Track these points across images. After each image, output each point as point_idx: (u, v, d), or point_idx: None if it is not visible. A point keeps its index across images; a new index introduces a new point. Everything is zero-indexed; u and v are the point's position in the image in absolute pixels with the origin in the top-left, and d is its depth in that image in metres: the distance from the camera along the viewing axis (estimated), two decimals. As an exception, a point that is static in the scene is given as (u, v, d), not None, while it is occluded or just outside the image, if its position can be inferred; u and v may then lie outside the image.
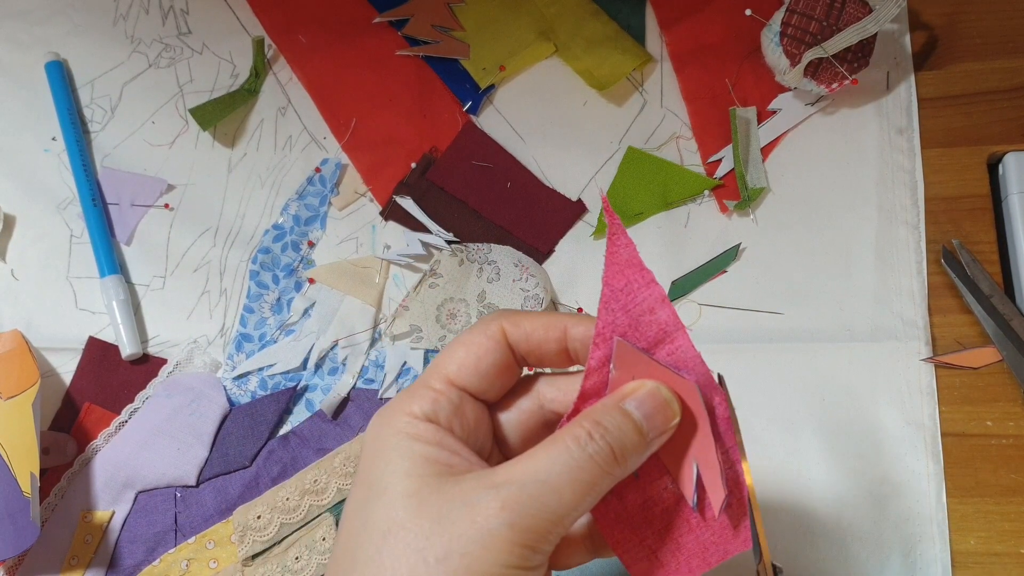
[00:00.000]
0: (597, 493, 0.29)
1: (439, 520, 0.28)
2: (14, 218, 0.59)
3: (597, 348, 0.31)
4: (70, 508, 0.51)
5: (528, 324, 0.32)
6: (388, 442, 0.30)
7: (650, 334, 0.31)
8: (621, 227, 0.30)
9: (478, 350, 0.32)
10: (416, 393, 0.31)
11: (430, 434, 0.30)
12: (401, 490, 0.29)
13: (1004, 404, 0.50)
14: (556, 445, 0.29)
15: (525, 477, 0.28)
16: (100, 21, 0.64)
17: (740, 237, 0.54)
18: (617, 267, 0.30)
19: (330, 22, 0.62)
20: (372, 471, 0.30)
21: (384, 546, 0.28)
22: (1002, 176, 0.54)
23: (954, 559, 0.47)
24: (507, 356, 0.32)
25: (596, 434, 0.29)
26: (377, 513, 0.29)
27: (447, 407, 0.31)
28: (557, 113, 0.58)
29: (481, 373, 0.32)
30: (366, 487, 0.30)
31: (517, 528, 0.27)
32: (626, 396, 0.30)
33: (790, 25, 0.53)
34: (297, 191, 0.58)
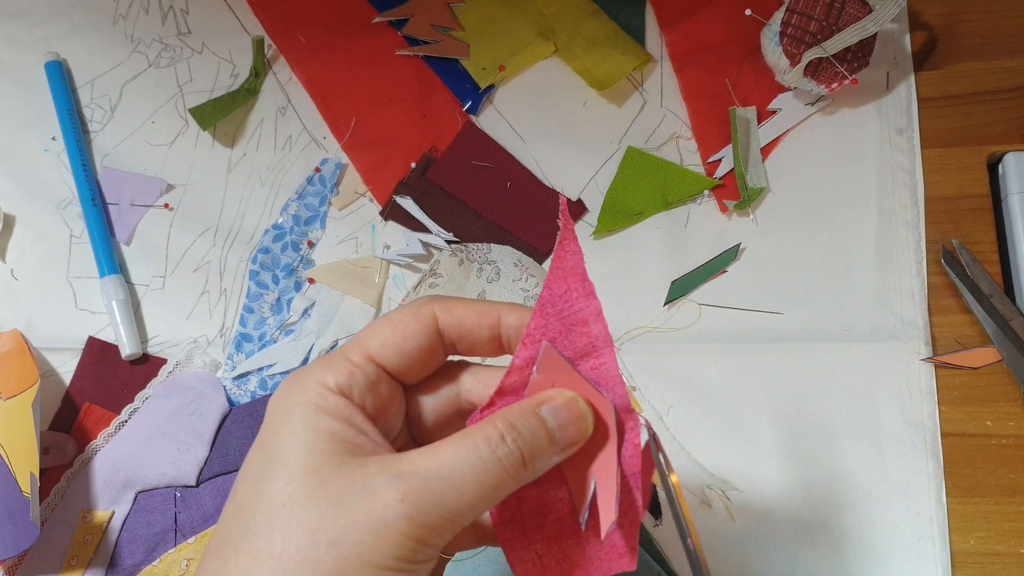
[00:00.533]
0: (500, 495, 0.29)
1: (336, 503, 0.27)
2: (14, 218, 0.59)
3: (524, 348, 0.31)
4: (70, 508, 0.51)
5: (461, 310, 0.32)
6: (295, 410, 0.29)
7: (579, 345, 0.31)
8: (573, 232, 0.30)
9: (404, 330, 0.31)
10: (332, 363, 0.30)
11: (340, 408, 0.29)
12: (301, 465, 0.28)
13: (1004, 404, 0.50)
14: (466, 442, 0.28)
15: (429, 471, 0.27)
16: (100, 21, 0.64)
17: (740, 237, 0.54)
18: (561, 272, 0.30)
19: (330, 22, 0.62)
20: (275, 439, 0.29)
21: (277, 520, 0.27)
22: (1002, 176, 0.54)
23: (954, 559, 0.47)
24: (434, 340, 0.32)
25: (508, 437, 0.28)
26: (274, 484, 0.28)
27: (362, 382, 0.30)
28: (557, 113, 0.58)
29: (404, 353, 0.31)
30: (266, 454, 0.29)
31: (414, 522, 0.27)
32: (544, 402, 0.30)
33: (790, 25, 0.53)
34: (297, 191, 0.58)
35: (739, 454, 0.50)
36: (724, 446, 0.50)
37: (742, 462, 0.50)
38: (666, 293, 0.54)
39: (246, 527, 0.28)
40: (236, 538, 0.28)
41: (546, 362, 0.31)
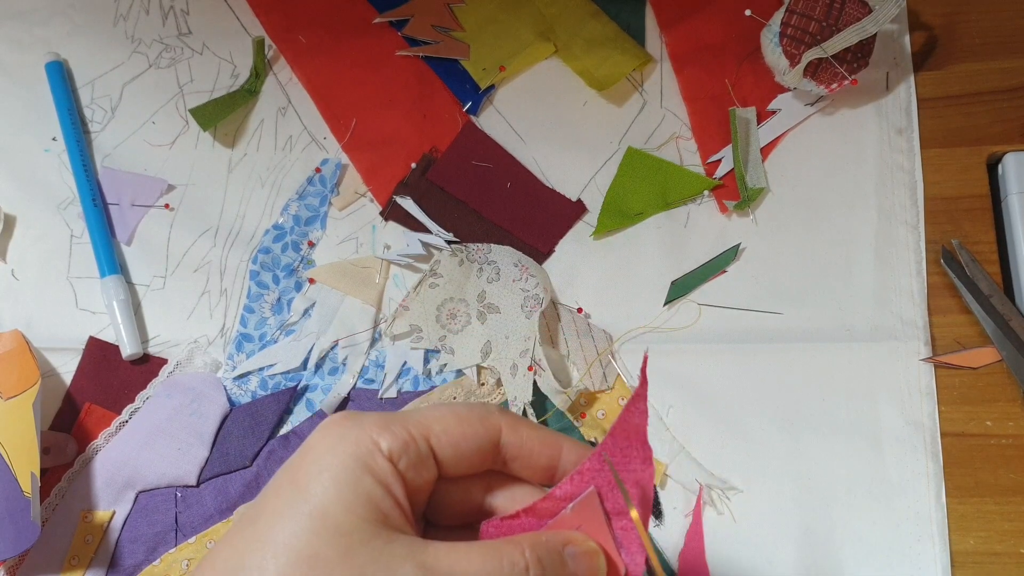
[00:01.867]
0: None
1: (360, 573, 0.27)
2: (14, 218, 0.59)
3: (571, 484, 0.31)
4: (70, 508, 0.51)
5: (527, 432, 0.32)
6: (343, 461, 0.29)
7: (620, 502, 0.31)
8: (645, 395, 0.31)
9: (467, 430, 0.31)
10: (391, 427, 0.30)
11: (385, 475, 0.29)
12: (335, 524, 0.28)
13: (1003, 404, 0.50)
14: (493, 557, 0.29)
15: (451, 570, 0.28)
16: (100, 21, 0.64)
17: (740, 237, 0.54)
18: (626, 428, 0.31)
19: (330, 22, 0.62)
20: (315, 483, 0.28)
21: (300, 566, 0.27)
22: (1001, 176, 0.54)
23: (953, 559, 0.47)
24: (490, 450, 0.32)
25: (533, 570, 0.29)
26: (302, 532, 0.27)
27: (413, 457, 0.30)
28: (557, 113, 0.59)
29: (458, 450, 0.31)
30: (301, 494, 0.28)
31: None
32: (569, 542, 0.30)
33: (790, 25, 0.53)
34: (297, 191, 0.58)
35: (739, 454, 0.50)
36: (724, 446, 0.50)
37: (742, 462, 0.50)
38: (666, 293, 0.54)
39: (262, 568, 0.27)
40: (248, 571, 0.27)
41: (584, 505, 0.31)
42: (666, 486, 0.50)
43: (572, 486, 0.31)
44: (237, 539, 0.28)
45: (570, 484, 0.31)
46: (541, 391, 0.51)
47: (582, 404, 0.52)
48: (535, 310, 0.53)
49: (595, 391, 0.52)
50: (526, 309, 0.53)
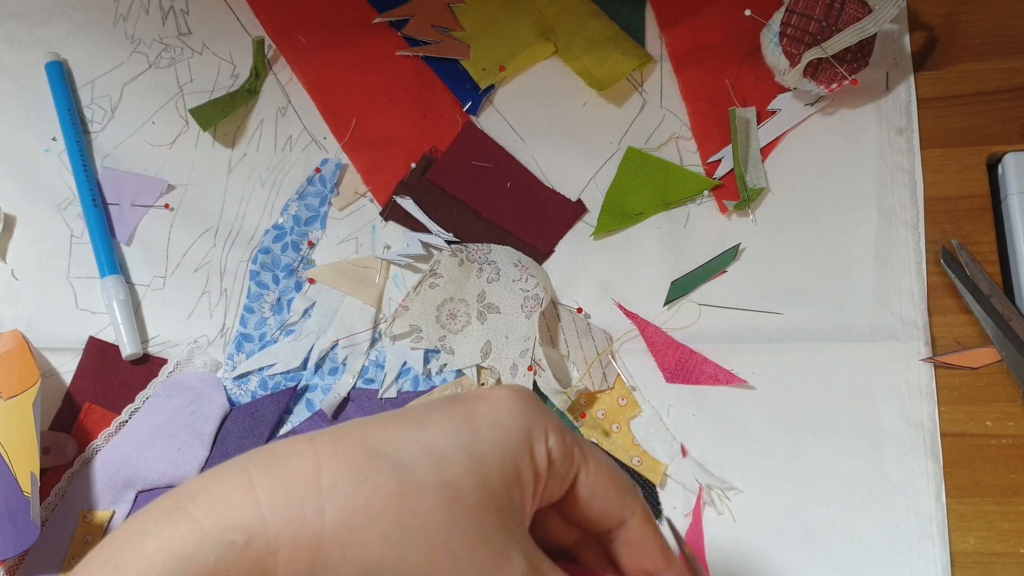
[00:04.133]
0: None
1: (463, 555, 0.27)
2: (14, 218, 0.59)
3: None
4: (70, 508, 0.51)
5: (600, 484, 0.31)
6: (519, 428, 0.29)
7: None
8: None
9: (612, 491, 0.31)
10: (564, 430, 0.30)
11: (540, 464, 0.29)
12: (485, 476, 0.27)
13: (1003, 404, 0.50)
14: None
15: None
16: (100, 21, 0.64)
17: (740, 237, 0.54)
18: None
19: (330, 22, 0.62)
20: (488, 428, 0.28)
21: (443, 490, 0.27)
22: (1001, 176, 0.54)
23: (953, 559, 0.47)
24: (612, 522, 0.32)
25: None
26: (463, 463, 0.27)
27: (562, 470, 0.30)
28: (557, 113, 0.59)
29: (592, 497, 0.31)
30: (473, 430, 0.28)
31: None
32: None
33: (789, 25, 0.53)
34: (297, 191, 0.58)
35: (739, 454, 0.50)
36: (724, 446, 0.50)
37: (742, 462, 0.50)
38: (666, 293, 0.54)
39: (412, 467, 0.27)
40: (399, 462, 0.27)
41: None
42: (666, 486, 0.50)
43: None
44: (401, 431, 0.28)
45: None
46: (541, 391, 0.51)
47: (582, 404, 0.52)
48: (535, 310, 0.53)
49: (595, 391, 0.52)
50: (526, 309, 0.53)
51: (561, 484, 0.30)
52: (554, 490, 0.30)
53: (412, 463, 0.27)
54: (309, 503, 0.26)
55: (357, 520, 0.26)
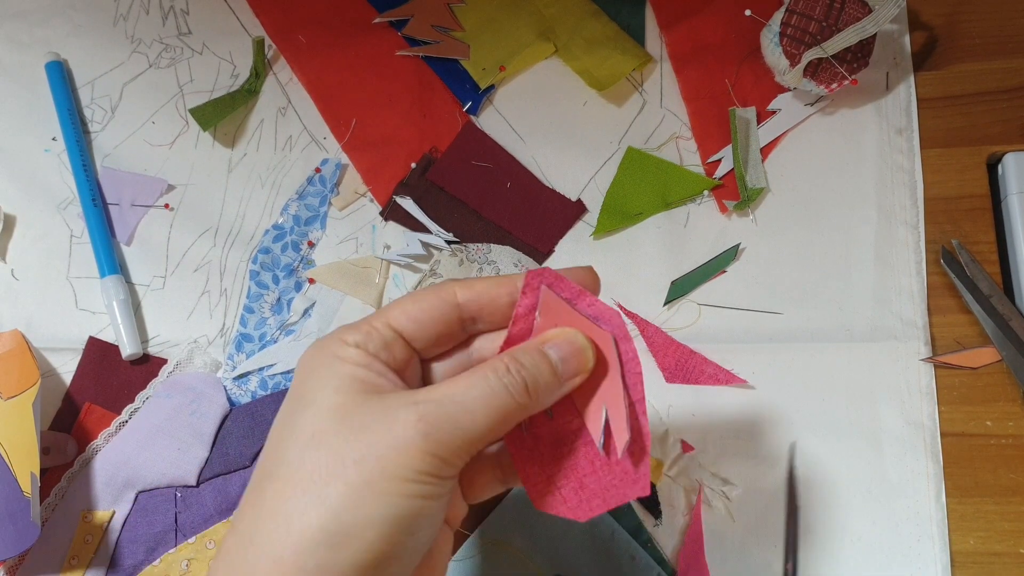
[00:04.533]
0: (508, 421, 0.32)
1: (360, 429, 0.30)
2: (14, 218, 0.59)
3: (525, 296, 0.34)
4: (70, 508, 0.51)
5: (481, 284, 0.34)
6: (319, 361, 0.32)
7: (573, 288, 0.34)
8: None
9: (424, 303, 0.34)
10: (353, 326, 0.33)
11: (359, 357, 0.32)
12: (328, 404, 0.31)
13: (1003, 404, 0.50)
14: (476, 374, 0.32)
15: (443, 397, 0.31)
16: (100, 21, 0.64)
17: (739, 237, 0.54)
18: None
19: (330, 22, 0.62)
20: (302, 387, 0.32)
21: (307, 450, 0.30)
22: (1001, 176, 0.54)
23: (953, 559, 0.47)
24: (451, 314, 0.34)
25: (513, 368, 0.32)
26: (303, 422, 0.31)
27: (378, 341, 0.33)
28: (557, 113, 0.59)
29: (420, 323, 0.34)
30: (296, 400, 0.32)
31: (431, 439, 0.30)
32: (546, 341, 0.33)
33: (790, 25, 0.53)
34: (297, 191, 0.58)
35: (739, 454, 0.50)
36: (724, 446, 0.50)
37: (742, 461, 0.50)
38: (666, 293, 0.54)
39: (279, 460, 0.31)
40: (271, 470, 0.31)
41: (547, 306, 0.34)
42: (666, 485, 0.50)
43: (528, 298, 0.34)
44: (260, 457, 0.33)
45: (525, 298, 0.34)
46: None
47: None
48: (535, 310, 0.53)
49: (595, 391, 0.52)
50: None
51: (400, 346, 0.34)
52: (400, 352, 0.34)
53: (278, 455, 0.32)
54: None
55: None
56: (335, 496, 0.29)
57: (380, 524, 0.29)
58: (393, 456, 0.29)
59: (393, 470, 0.29)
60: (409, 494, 0.29)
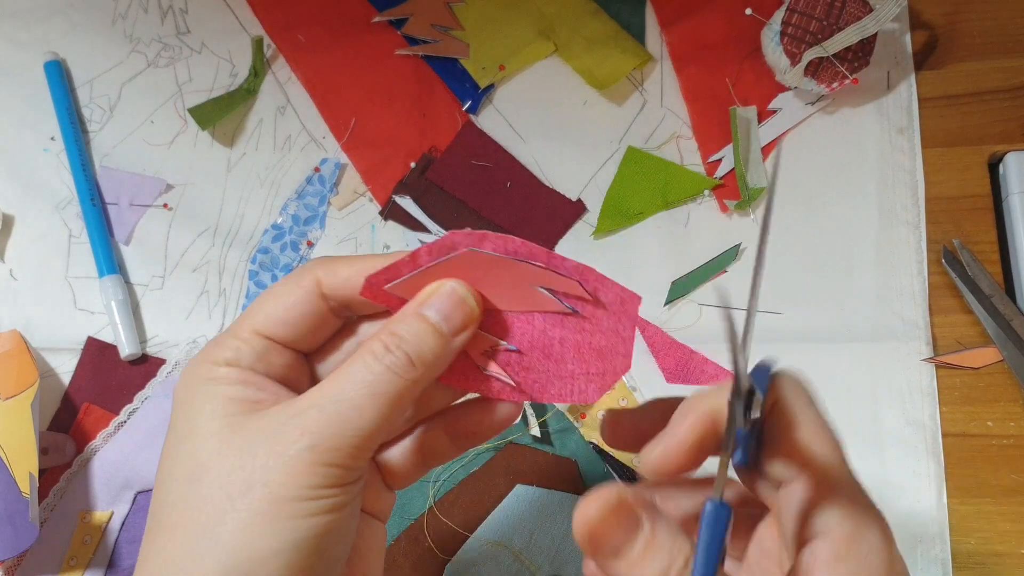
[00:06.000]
0: (403, 403, 0.29)
1: (243, 454, 0.28)
2: (13, 218, 0.59)
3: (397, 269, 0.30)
4: (69, 508, 0.51)
5: (345, 270, 0.31)
6: (191, 389, 0.30)
7: (469, 236, 0.30)
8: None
9: (286, 301, 0.31)
10: (219, 342, 0.31)
11: (233, 376, 0.30)
12: (205, 432, 0.29)
13: (1005, 404, 0.50)
14: (355, 362, 0.29)
15: (325, 399, 0.28)
16: (99, 21, 0.63)
17: (740, 237, 0.54)
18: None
19: (329, 21, 0.62)
20: (177, 420, 0.30)
21: (190, 487, 0.28)
22: (1003, 176, 0.54)
23: (955, 559, 0.47)
24: (319, 306, 0.31)
25: (392, 344, 0.29)
26: (183, 458, 0.29)
27: (249, 354, 0.30)
28: (557, 113, 0.58)
29: (289, 323, 0.31)
30: (173, 435, 0.30)
31: (319, 450, 0.27)
32: (422, 302, 0.30)
33: (790, 24, 0.53)
34: (296, 191, 0.58)
35: (739, 454, 0.50)
36: (724, 446, 0.50)
37: (742, 462, 0.50)
38: (666, 293, 0.53)
39: (164, 503, 0.28)
40: (158, 516, 0.28)
41: (445, 266, 0.30)
42: (666, 487, 0.50)
43: (429, 256, 0.30)
44: (152, 498, 0.30)
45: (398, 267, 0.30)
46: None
47: (582, 404, 0.52)
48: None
49: (595, 391, 0.52)
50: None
51: (276, 352, 0.31)
52: (278, 358, 0.31)
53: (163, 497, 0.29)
54: None
55: None
56: (228, 534, 0.27)
57: (283, 554, 0.27)
58: (282, 478, 0.27)
59: (285, 493, 0.27)
60: (308, 514, 0.27)
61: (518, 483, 0.51)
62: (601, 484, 0.27)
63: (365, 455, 0.29)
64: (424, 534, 0.50)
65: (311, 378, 0.33)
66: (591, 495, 0.27)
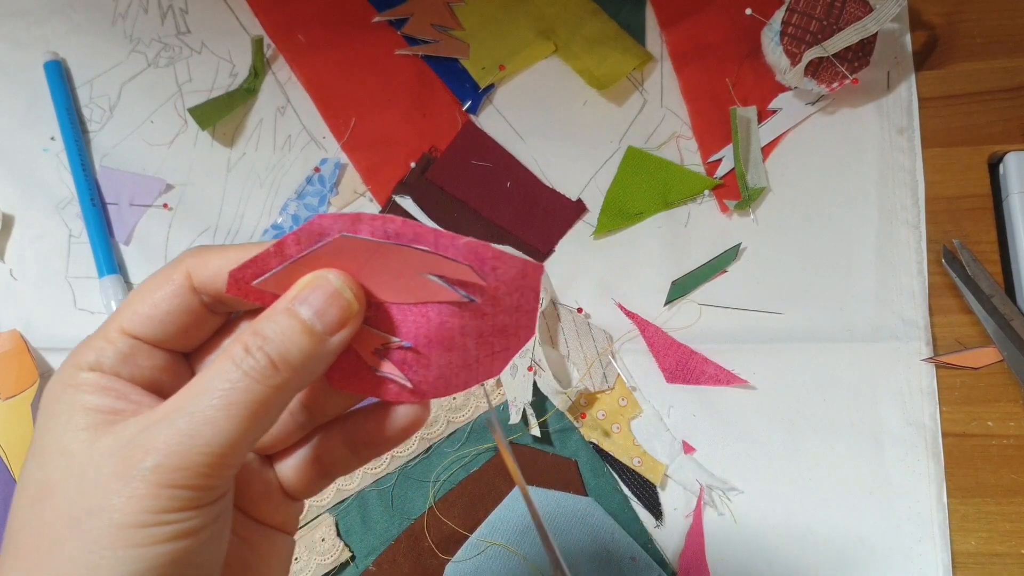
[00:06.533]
0: (267, 413, 0.26)
1: (86, 475, 0.25)
2: (13, 218, 0.59)
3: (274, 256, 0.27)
4: (69, 509, 0.51)
5: (217, 261, 0.28)
6: (54, 395, 0.27)
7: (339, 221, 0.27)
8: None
9: (155, 296, 0.28)
10: (86, 343, 0.28)
11: (92, 381, 0.27)
12: (56, 448, 0.26)
13: (1005, 404, 0.50)
14: (212, 368, 0.26)
15: (175, 411, 0.25)
16: (99, 20, 0.63)
17: (740, 237, 0.54)
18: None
19: (329, 21, 0.62)
20: (37, 430, 0.27)
21: (33, 510, 0.25)
22: (1002, 176, 0.54)
23: (955, 559, 0.47)
24: (190, 301, 0.28)
25: (254, 346, 0.25)
26: (31, 475, 0.26)
27: (113, 356, 0.28)
28: (557, 113, 0.58)
29: (157, 320, 0.28)
30: (31, 447, 0.27)
31: (163, 470, 0.24)
32: (293, 297, 0.27)
33: (790, 24, 0.53)
34: (296, 191, 0.58)
35: (740, 454, 0.50)
36: (724, 446, 0.50)
37: (743, 462, 0.50)
38: (666, 293, 0.53)
39: (11, 526, 0.26)
40: (7, 540, 0.26)
41: (313, 257, 0.27)
42: (667, 487, 0.50)
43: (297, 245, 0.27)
44: (8, 515, 0.28)
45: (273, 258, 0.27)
46: (541, 391, 0.51)
47: (582, 404, 0.52)
48: (535, 310, 0.52)
49: (595, 391, 0.52)
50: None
51: (144, 353, 0.28)
52: (145, 360, 0.28)
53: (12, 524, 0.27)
54: None
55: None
56: (65, 565, 0.24)
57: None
58: (123, 504, 0.24)
59: (126, 519, 0.24)
60: (152, 542, 0.24)
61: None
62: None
63: (222, 473, 0.25)
64: (424, 534, 0.50)
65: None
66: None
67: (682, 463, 0.50)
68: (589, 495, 0.50)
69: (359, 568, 0.50)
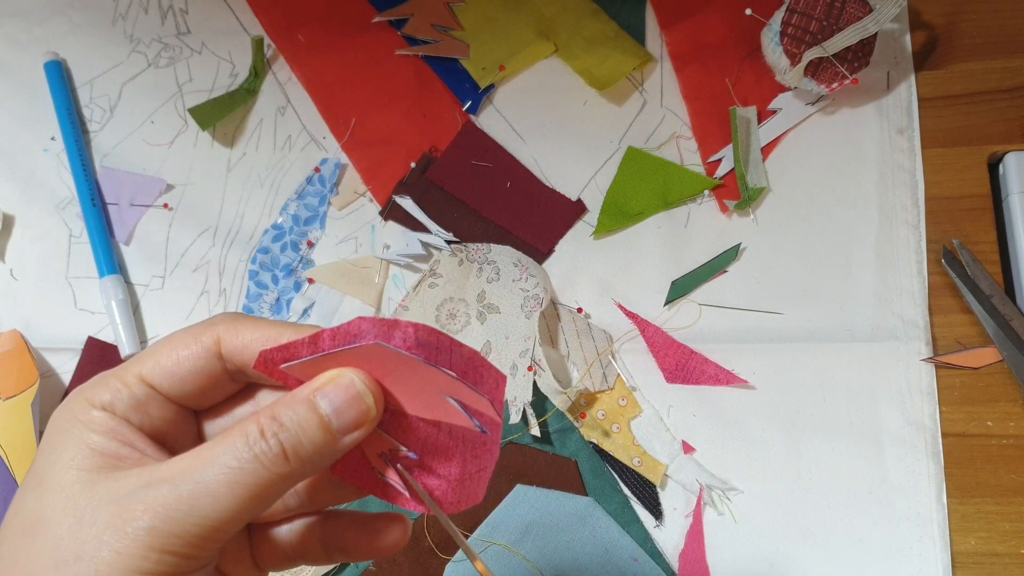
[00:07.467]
0: (267, 497, 0.26)
1: (82, 518, 0.25)
2: (13, 218, 0.59)
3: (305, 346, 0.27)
4: (69, 508, 0.51)
5: (249, 334, 0.28)
6: (62, 425, 0.27)
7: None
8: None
9: (180, 353, 0.28)
10: (102, 381, 0.28)
11: (102, 422, 0.27)
12: (56, 482, 0.26)
13: (1004, 404, 0.50)
14: (225, 441, 0.26)
15: (180, 475, 0.25)
16: (99, 21, 0.63)
17: (740, 237, 0.54)
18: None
19: (329, 21, 0.62)
20: (39, 457, 0.27)
21: (24, 540, 0.26)
22: (1002, 176, 0.54)
23: (954, 559, 0.47)
24: (213, 366, 0.29)
25: (269, 431, 0.26)
26: (28, 504, 0.26)
27: (127, 400, 0.28)
28: (557, 113, 0.58)
29: (177, 377, 0.28)
30: (31, 474, 0.27)
31: (158, 533, 0.25)
32: (316, 388, 0.27)
33: (790, 25, 0.53)
34: (296, 191, 0.58)
35: (740, 454, 0.50)
36: (724, 446, 0.50)
37: (743, 462, 0.50)
38: (666, 293, 0.54)
39: (1, 554, 0.26)
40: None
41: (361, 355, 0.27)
42: (666, 486, 0.50)
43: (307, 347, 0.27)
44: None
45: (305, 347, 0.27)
46: (541, 391, 0.51)
47: (582, 404, 0.52)
48: (535, 310, 0.53)
49: (595, 391, 0.52)
50: (526, 309, 0.53)
51: (156, 404, 0.29)
52: (156, 411, 0.29)
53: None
54: None
55: None
56: None
57: None
58: (112, 556, 0.24)
59: (113, 574, 0.24)
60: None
61: (518, 483, 0.51)
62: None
63: (211, 545, 0.26)
64: (424, 534, 0.50)
65: (196, 438, 0.30)
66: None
67: (682, 463, 0.50)
68: (589, 495, 0.50)
69: (359, 568, 0.50)
